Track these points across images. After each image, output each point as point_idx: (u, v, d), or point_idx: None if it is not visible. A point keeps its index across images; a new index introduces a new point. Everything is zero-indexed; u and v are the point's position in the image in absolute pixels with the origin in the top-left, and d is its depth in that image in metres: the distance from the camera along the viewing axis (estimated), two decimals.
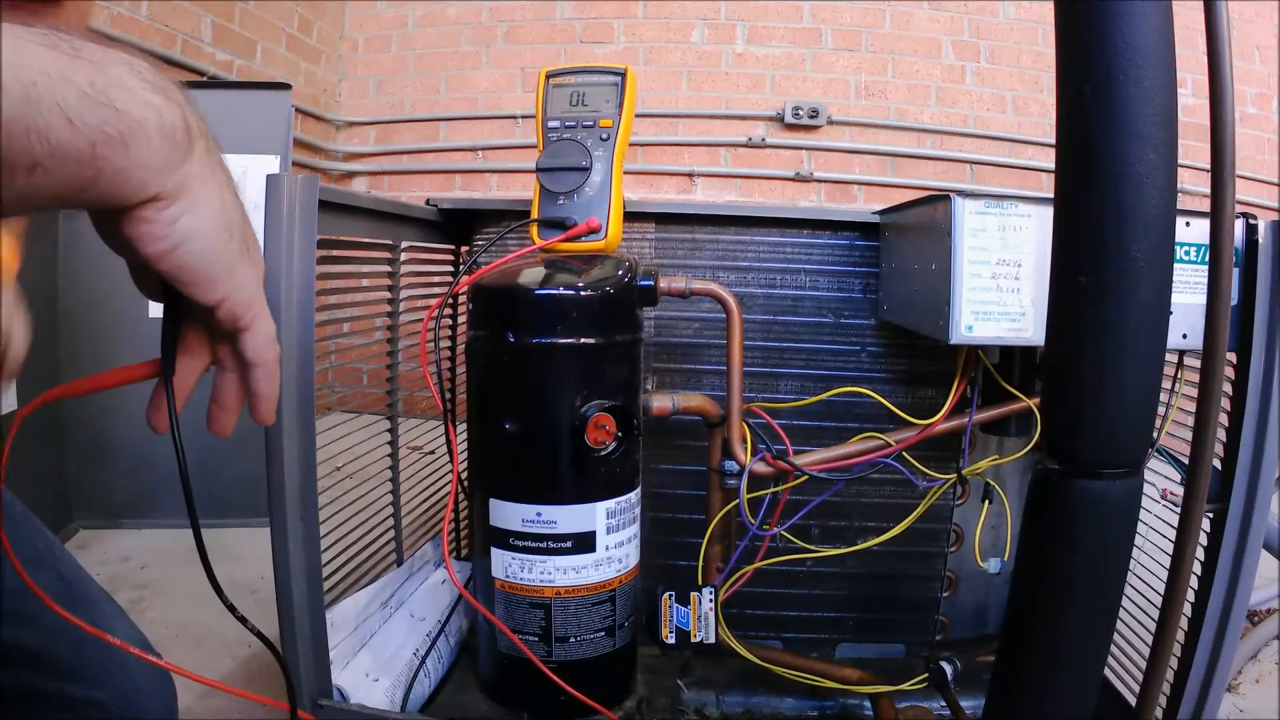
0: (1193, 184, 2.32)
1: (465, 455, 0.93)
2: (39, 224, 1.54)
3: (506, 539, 0.84)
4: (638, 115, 0.96)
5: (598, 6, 2.78)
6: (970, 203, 0.76)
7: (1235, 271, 0.71)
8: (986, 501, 1.00)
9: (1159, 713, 0.82)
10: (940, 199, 0.78)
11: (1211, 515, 0.79)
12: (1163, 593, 0.52)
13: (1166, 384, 0.83)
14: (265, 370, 0.38)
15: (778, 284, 1.04)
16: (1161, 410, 0.82)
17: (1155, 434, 0.79)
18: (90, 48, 0.29)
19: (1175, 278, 0.59)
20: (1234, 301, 0.77)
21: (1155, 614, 0.71)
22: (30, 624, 0.52)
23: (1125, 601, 0.81)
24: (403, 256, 0.99)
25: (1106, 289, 0.41)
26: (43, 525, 0.57)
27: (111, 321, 1.64)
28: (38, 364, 1.53)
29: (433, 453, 1.19)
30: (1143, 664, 0.84)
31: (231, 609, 0.43)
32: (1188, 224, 0.77)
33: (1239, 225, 0.77)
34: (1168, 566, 0.52)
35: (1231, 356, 0.79)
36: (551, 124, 0.92)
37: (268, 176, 0.71)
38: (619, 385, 0.84)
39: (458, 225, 1.11)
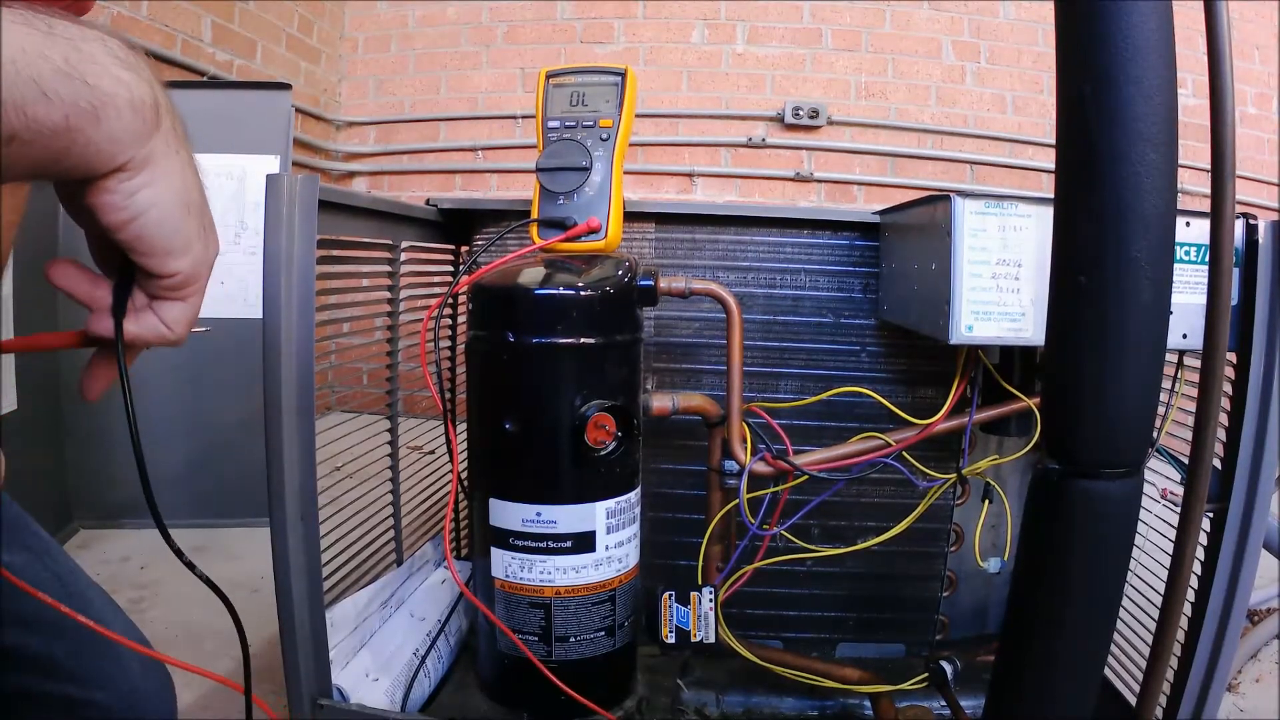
0: (1193, 184, 2.32)
1: (465, 455, 0.93)
2: (39, 211, 1.53)
3: (506, 539, 0.84)
4: (638, 115, 0.96)
5: (598, 6, 2.78)
6: (970, 203, 0.76)
7: (1235, 271, 0.71)
8: (986, 501, 1.00)
9: (1159, 713, 0.82)
10: (940, 199, 0.78)
11: (1211, 515, 0.79)
12: (1163, 593, 0.52)
13: (1166, 384, 0.83)
14: (163, 340, 0.38)
15: (778, 284, 1.04)
16: (1161, 410, 0.82)
17: (1155, 434, 0.79)
18: (64, 25, 0.30)
19: (1175, 278, 0.59)
20: (1234, 301, 0.77)
21: (1155, 614, 0.71)
22: (29, 626, 0.53)
23: (1125, 601, 0.81)
24: (403, 256, 0.99)
25: (1106, 289, 0.41)
26: (38, 526, 0.57)
27: None
28: (38, 353, 1.54)
29: (433, 453, 1.19)
30: (1143, 664, 0.84)
31: (178, 552, 0.43)
32: (1188, 224, 0.77)
33: (1239, 225, 0.77)
34: (1168, 566, 0.52)
35: (1231, 356, 0.79)
36: (551, 124, 0.92)
37: (268, 176, 0.71)
38: (619, 385, 0.84)
39: (458, 225, 1.11)
